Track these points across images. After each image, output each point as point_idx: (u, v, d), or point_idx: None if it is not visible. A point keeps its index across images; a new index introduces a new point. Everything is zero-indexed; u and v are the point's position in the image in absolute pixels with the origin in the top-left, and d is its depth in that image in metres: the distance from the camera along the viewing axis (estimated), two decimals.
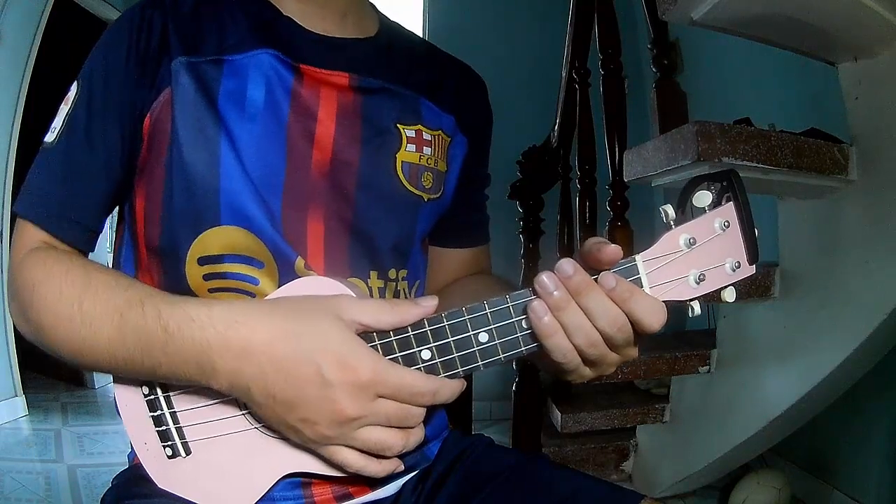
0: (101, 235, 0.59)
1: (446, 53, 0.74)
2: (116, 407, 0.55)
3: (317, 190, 0.57)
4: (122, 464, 0.63)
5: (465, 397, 0.99)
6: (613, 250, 0.44)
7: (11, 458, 2.11)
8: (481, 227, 0.77)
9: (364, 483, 0.59)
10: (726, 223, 0.45)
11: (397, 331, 0.47)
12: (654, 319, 0.44)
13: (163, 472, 0.53)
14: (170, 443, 0.52)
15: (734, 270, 0.45)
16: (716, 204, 0.45)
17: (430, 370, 0.47)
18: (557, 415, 1.62)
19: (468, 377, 0.49)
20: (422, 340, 0.47)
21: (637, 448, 1.76)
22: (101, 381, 3.05)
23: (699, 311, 0.46)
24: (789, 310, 1.30)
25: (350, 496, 0.58)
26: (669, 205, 0.45)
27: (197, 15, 0.58)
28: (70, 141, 0.55)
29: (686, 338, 1.64)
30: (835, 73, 1.19)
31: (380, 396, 0.45)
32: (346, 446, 0.47)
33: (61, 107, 0.57)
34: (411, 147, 0.62)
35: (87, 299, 0.49)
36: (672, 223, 0.45)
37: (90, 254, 0.59)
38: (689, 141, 1.05)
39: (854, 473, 1.59)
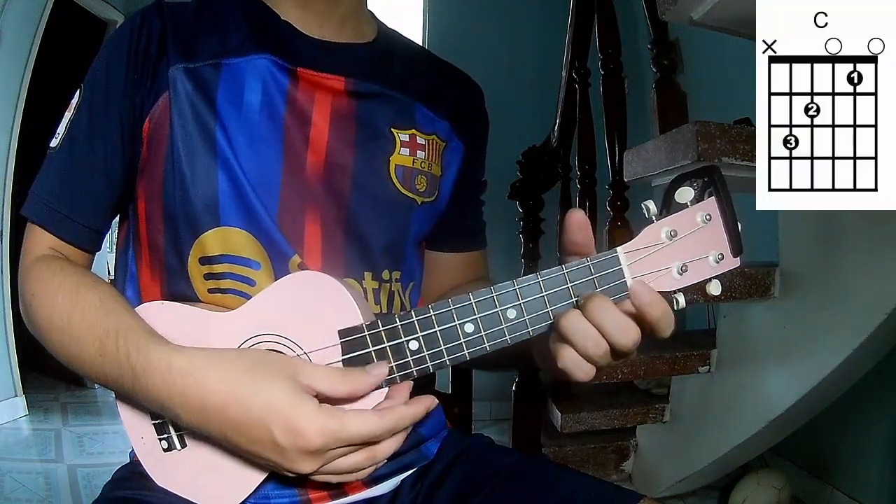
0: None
1: (443, 60, 0.74)
2: (117, 405, 0.56)
3: (312, 192, 0.58)
4: (122, 464, 0.63)
5: (465, 397, 1.00)
6: (576, 219, 0.46)
7: (11, 458, 2.11)
8: (477, 232, 0.77)
9: (360, 481, 0.59)
10: (708, 216, 0.45)
11: (386, 321, 0.48)
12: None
13: (159, 467, 0.54)
14: (166, 435, 0.53)
15: (718, 262, 0.46)
16: (698, 199, 0.46)
17: (419, 361, 0.48)
18: (557, 415, 1.62)
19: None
20: (409, 331, 0.48)
21: (637, 448, 1.76)
22: None
23: (683, 304, 0.47)
24: (789, 310, 1.30)
25: (345, 493, 0.59)
26: (651, 201, 0.46)
27: (197, 21, 0.59)
28: (72, 145, 0.57)
29: (686, 338, 1.64)
30: None
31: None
32: None
33: (66, 113, 0.58)
34: (405, 151, 0.63)
35: (74, 317, 0.51)
36: (654, 218, 0.46)
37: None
38: (689, 141, 1.05)
39: (854, 473, 1.59)
